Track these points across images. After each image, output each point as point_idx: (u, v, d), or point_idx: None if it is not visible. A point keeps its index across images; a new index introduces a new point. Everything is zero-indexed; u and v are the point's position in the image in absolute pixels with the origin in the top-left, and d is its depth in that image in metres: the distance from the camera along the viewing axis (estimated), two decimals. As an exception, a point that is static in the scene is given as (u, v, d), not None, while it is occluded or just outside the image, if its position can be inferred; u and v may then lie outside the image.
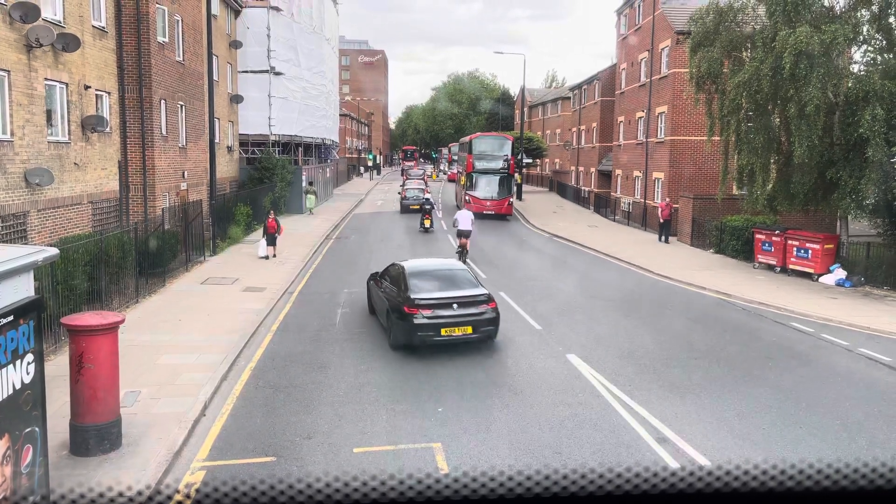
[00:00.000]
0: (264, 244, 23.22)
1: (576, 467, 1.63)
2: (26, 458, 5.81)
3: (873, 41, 20.60)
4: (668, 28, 32.40)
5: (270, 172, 34.97)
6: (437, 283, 13.17)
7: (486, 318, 12.54)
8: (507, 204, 38.37)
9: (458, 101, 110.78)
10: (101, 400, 7.95)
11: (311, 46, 41.58)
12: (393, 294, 13.19)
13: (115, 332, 8.23)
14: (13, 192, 14.10)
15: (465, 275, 13.81)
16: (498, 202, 38.13)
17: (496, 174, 38.67)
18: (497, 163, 38.81)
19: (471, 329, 12.36)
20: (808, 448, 8.71)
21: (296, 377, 11.35)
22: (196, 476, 7.84)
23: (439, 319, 12.22)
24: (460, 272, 13.99)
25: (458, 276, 13.69)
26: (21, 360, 5.74)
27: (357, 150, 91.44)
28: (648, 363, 12.22)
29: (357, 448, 8.58)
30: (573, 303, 17.30)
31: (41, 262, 6.30)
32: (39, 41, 14.56)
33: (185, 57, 23.82)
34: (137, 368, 10.98)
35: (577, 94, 54.83)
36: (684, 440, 8.82)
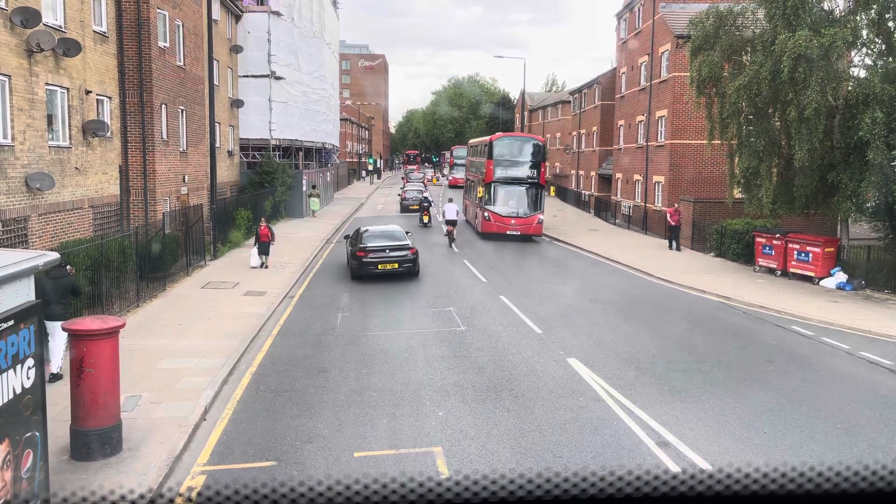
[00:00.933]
0: (256, 253, 22.00)
1: (577, 470, 1.63)
2: (26, 463, 5.81)
3: (872, 45, 20.64)
4: (667, 32, 32.46)
5: (271, 177, 35.01)
6: (379, 238, 20.89)
7: (407, 259, 20.27)
8: (535, 222, 30.58)
9: (458, 105, 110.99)
10: (102, 404, 7.95)
11: (311, 51, 41.65)
12: (353, 245, 21.23)
13: (116, 336, 8.24)
14: (14, 196, 14.12)
15: (399, 233, 21.43)
16: (525, 220, 30.38)
17: (523, 184, 31.02)
18: (524, 170, 31.32)
19: (396, 265, 20.13)
20: (810, 451, 8.69)
21: (296, 381, 11.34)
22: (197, 481, 7.83)
23: (377, 258, 20.02)
24: (397, 232, 21.59)
25: (394, 233, 21.41)
26: (21, 364, 5.74)
27: (357, 154, 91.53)
28: (649, 367, 12.22)
29: (358, 452, 8.58)
30: (574, 306, 17.30)
31: (42, 266, 6.30)
32: (40, 46, 14.59)
33: (186, 62, 23.86)
34: (138, 373, 10.98)
35: (578, 97, 54.89)
36: (685, 444, 8.81)
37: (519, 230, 30.15)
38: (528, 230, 30.45)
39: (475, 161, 36.09)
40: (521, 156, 31.73)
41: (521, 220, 30.44)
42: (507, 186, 30.93)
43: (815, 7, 20.39)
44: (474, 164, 36.23)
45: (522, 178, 31.25)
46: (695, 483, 1.59)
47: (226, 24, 33.11)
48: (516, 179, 31.13)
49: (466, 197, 38.83)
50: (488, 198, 30.81)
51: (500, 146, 31.80)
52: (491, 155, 31.46)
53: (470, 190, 36.77)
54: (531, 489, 1.58)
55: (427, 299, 18.11)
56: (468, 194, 37.73)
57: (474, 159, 36.82)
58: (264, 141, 37.17)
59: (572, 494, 1.57)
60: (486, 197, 30.89)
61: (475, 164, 35.84)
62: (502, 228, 30.12)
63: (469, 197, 37.14)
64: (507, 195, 30.84)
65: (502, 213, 30.38)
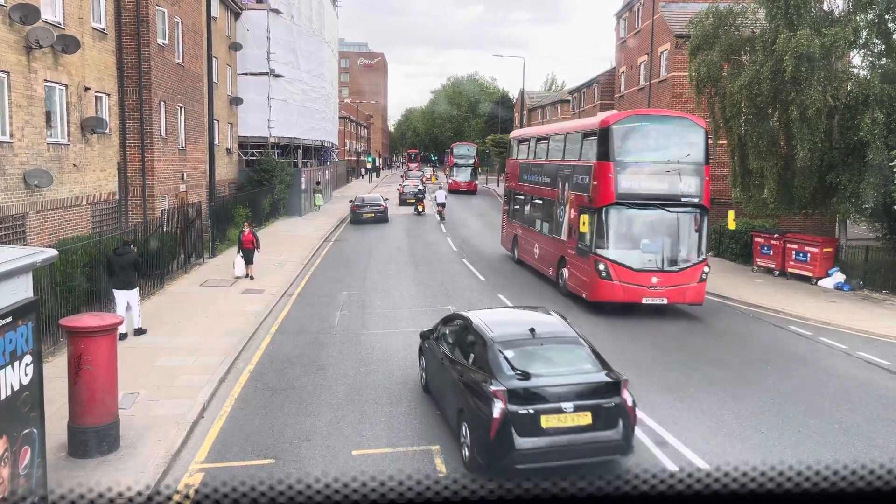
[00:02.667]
0: (240, 262, 19.49)
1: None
2: (24, 460, 5.80)
3: (872, 45, 20.66)
4: (667, 31, 32.46)
5: (270, 174, 34.99)
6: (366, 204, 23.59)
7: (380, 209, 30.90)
8: (696, 280, 16.47)
9: (457, 104, 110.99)
10: (100, 401, 7.94)
11: (310, 49, 41.61)
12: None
13: (114, 333, 8.24)
14: (12, 193, 14.10)
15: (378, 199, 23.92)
16: (677, 278, 16.35)
17: (675, 207, 16.53)
18: (678, 181, 16.54)
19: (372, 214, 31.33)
20: (807, 450, 8.71)
21: (294, 379, 11.34)
22: (194, 478, 7.83)
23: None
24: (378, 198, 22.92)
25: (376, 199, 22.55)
26: (19, 361, 5.73)
27: (356, 153, 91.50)
28: (647, 366, 12.22)
29: (356, 450, 8.58)
30: (573, 307, 17.29)
31: (40, 263, 6.29)
32: (39, 43, 14.57)
33: (185, 59, 23.83)
34: (136, 370, 10.97)
35: (577, 97, 54.89)
36: (683, 443, 8.83)
37: (667, 297, 16.14)
38: (684, 296, 16.29)
39: (550, 169, 20.14)
40: (670, 151, 16.56)
41: (671, 276, 16.19)
42: (645, 213, 16.36)
43: (816, 7, 20.41)
44: (549, 173, 20.25)
45: (675, 195, 16.38)
46: (692, 482, 1.60)
47: (225, 22, 33.07)
48: (663, 199, 16.32)
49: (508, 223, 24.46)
50: (601, 235, 16.30)
51: (631, 135, 16.65)
52: (610, 152, 16.28)
53: (531, 212, 21.85)
54: (529, 487, 1.58)
55: (426, 298, 18.12)
56: (521, 218, 23.03)
57: (547, 163, 20.64)
58: (263, 139, 37.15)
59: (570, 493, 1.57)
60: (596, 233, 16.37)
61: (550, 172, 20.10)
62: (635, 295, 16.10)
63: (525, 221, 22.38)
64: (644, 230, 16.48)
65: (635, 266, 16.12)
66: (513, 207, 24.33)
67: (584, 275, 16.83)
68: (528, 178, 22.46)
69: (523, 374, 7.81)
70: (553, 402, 7.61)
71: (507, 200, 25.18)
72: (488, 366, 8.08)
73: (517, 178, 23.81)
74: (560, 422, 7.55)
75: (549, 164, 20.29)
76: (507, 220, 25.00)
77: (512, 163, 25.07)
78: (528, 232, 22.16)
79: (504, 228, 25.62)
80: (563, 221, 18.45)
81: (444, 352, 9.50)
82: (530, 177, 22.16)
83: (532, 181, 21.89)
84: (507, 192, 25.34)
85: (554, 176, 19.50)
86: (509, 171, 25.66)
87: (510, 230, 24.46)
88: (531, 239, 21.62)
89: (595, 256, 16.19)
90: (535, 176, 21.65)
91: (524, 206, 22.76)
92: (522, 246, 22.73)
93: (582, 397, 7.72)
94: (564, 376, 8.01)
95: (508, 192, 25.09)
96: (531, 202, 21.87)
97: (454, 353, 9.23)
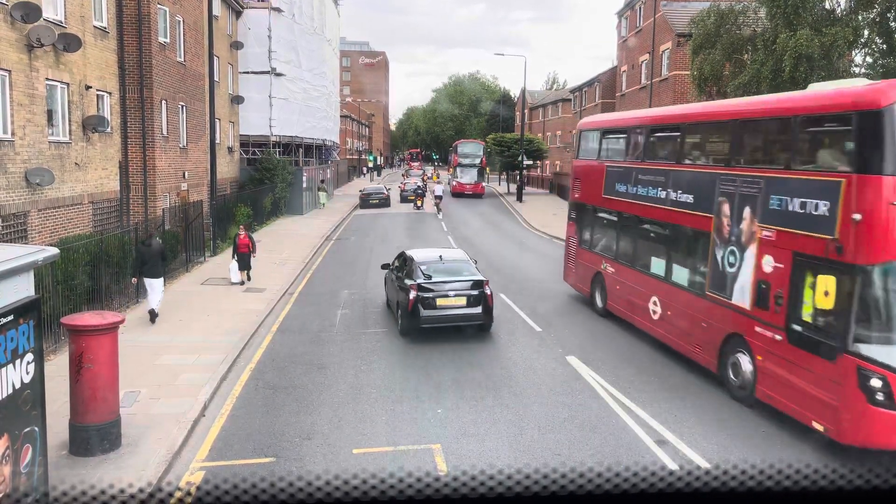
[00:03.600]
0: (236, 268, 18.68)
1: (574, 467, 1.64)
2: (25, 458, 5.82)
3: (873, 45, 20.64)
4: (668, 30, 32.43)
5: (271, 173, 35.00)
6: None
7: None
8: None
9: (458, 103, 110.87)
10: (101, 400, 7.96)
11: (312, 47, 41.61)
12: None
13: (115, 332, 8.24)
14: (14, 191, 14.12)
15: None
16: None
17: None
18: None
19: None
20: (808, 450, 8.69)
21: (295, 378, 11.35)
22: (195, 476, 7.84)
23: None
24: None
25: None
26: (21, 359, 5.74)
27: (358, 152, 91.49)
28: (648, 365, 12.22)
29: (356, 449, 8.59)
30: (573, 305, 17.29)
31: (41, 261, 6.30)
32: (41, 41, 14.57)
33: (187, 58, 23.84)
34: (137, 369, 10.98)
35: (578, 96, 54.87)
36: (683, 442, 8.83)
37: None
38: None
39: (697, 179, 12.32)
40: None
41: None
42: None
43: (817, 6, 20.39)
44: (691, 186, 12.40)
45: None
46: (692, 480, 1.60)
47: (226, 20, 33.07)
48: None
49: (607, 255, 15.88)
50: (875, 319, 8.46)
51: None
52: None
53: (638, 243, 14.56)
54: (529, 485, 1.58)
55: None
56: (611, 250, 15.76)
57: (686, 170, 12.79)
58: (264, 137, 37.15)
59: (570, 491, 1.58)
60: (858, 314, 8.40)
61: (694, 185, 12.32)
62: None
63: (622, 257, 15.18)
64: None
65: None
66: (592, 231, 16.77)
67: (817, 387, 8.78)
68: (628, 189, 14.55)
69: (428, 277, 13.75)
70: (443, 292, 13.54)
71: (578, 219, 17.50)
72: (412, 275, 13.94)
73: (600, 188, 15.93)
74: (447, 302, 13.53)
75: (694, 172, 12.25)
76: (580, 247, 17.30)
77: (587, 166, 17.23)
78: (630, 274, 14.42)
79: (572, 259, 17.90)
80: (735, 272, 10.64)
81: (394, 274, 15.27)
82: (636, 189, 14.23)
83: (641, 196, 13.95)
84: (577, 208, 17.67)
85: (706, 192, 11.48)
86: (581, 178, 17.53)
87: (586, 264, 16.86)
88: (640, 287, 13.74)
89: (857, 360, 8.26)
90: (649, 188, 13.60)
91: (620, 232, 15.20)
92: (616, 293, 15.06)
93: (460, 289, 13.62)
94: (452, 279, 13.84)
95: (579, 208, 17.54)
96: (639, 228, 14.24)
97: (398, 273, 14.94)
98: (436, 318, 13.44)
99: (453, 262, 14.80)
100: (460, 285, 13.64)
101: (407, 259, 14.84)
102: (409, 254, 15.08)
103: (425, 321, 13.39)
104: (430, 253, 15.34)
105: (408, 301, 13.37)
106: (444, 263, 14.50)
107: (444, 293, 13.50)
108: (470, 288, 13.61)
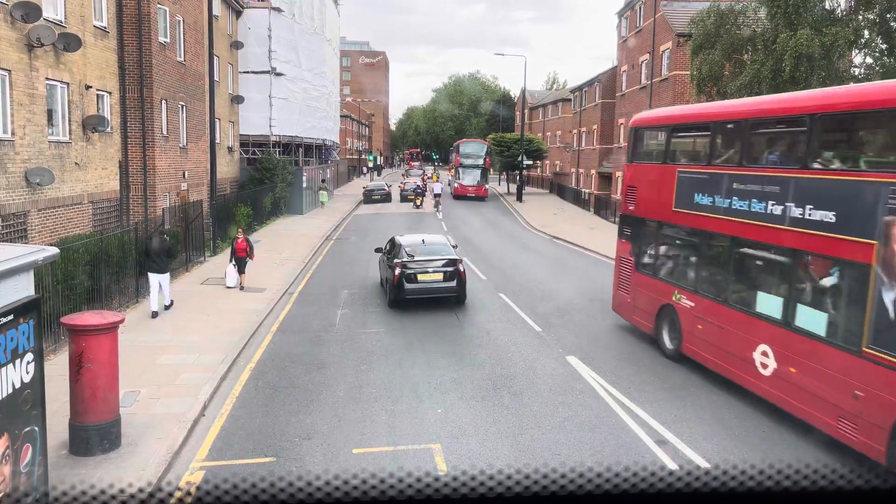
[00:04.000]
0: (233, 271, 18.10)
1: (574, 467, 1.64)
2: (25, 458, 5.82)
3: (874, 45, 20.63)
4: (668, 30, 32.44)
5: (271, 173, 35.01)
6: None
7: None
8: None
9: (458, 103, 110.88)
10: (101, 399, 7.96)
11: (312, 47, 41.61)
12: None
13: (115, 331, 8.24)
14: (14, 191, 14.12)
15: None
16: None
17: None
18: None
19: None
20: (805, 449, 8.70)
21: (295, 378, 11.35)
22: (195, 476, 7.84)
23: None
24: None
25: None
26: (21, 359, 5.74)
27: (358, 152, 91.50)
28: (648, 365, 12.22)
29: (356, 449, 8.59)
30: (573, 304, 17.30)
31: (41, 261, 6.30)
32: (41, 41, 14.58)
33: (187, 57, 23.84)
34: (137, 368, 10.98)
35: (578, 96, 54.86)
36: (683, 442, 8.83)
37: None
38: None
39: (851, 190, 8.70)
40: None
41: None
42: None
43: (817, 6, 20.39)
44: (838, 200, 8.79)
45: None
46: (692, 480, 1.60)
47: (226, 20, 33.07)
48: None
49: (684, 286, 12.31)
50: None
51: None
52: None
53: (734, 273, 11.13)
54: (529, 485, 1.58)
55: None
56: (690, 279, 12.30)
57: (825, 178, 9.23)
58: (264, 137, 37.17)
59: (569, 491, 1.58)
60: None
61: (844, 197, 8.76)
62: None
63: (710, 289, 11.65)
64: None
65: None
66: (657, 253, 13.48)
67: None
68: (716, 201, 11.16)
69: (411, 257, 16.28)
70: (423, 268, 16.12)
71: (635, 237, 14.10)
72: (398, 255, 16.45)
73: (669, 198, 12.51)
74: (427, 277, 16.11)
75: (838, 181, 9.09)
76: (637, 272, 13.89)
77: (647, 171, 13.94)
78: (721, 311, 11.00)
79: (626, 286, 14.34)
80: None
81: (385, 256, 17.90)
82: (729, 201, 10.88)
83: (738, 211, 10.63)
84: (632, 223, 14.26)
85: (862, 208, 8.46)
86: (638, 186, 14.12)
87: (647, 293, 13.38)
88: (739, 330, 10.58)
89: None
90: (752, 202, 10.36)
91: (703, 256, 11.90)
92: (698, 333, 11.58)
93: (438, 267, 16.20)
94: (431, 257, 16.39)
95: (635, 223, 14.11)
96: (736, 253, 10.99)
97: (388, 255, 17.51)
98: (417, 290, 16.03)
99: (433, 244, 17.42)
100: (438, 263, 16.22)
101: (395, 243, 17.36)
102: (397, 239, 17.66)
103: (409, 293, 16.00)
104: (414, 238, 17.88)
105: (394, 276, 16.00)
106: (426, 246, 17.12)
107: (425, 269, 16.06)
108: (446, 265, 16.22)
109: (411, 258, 16.10)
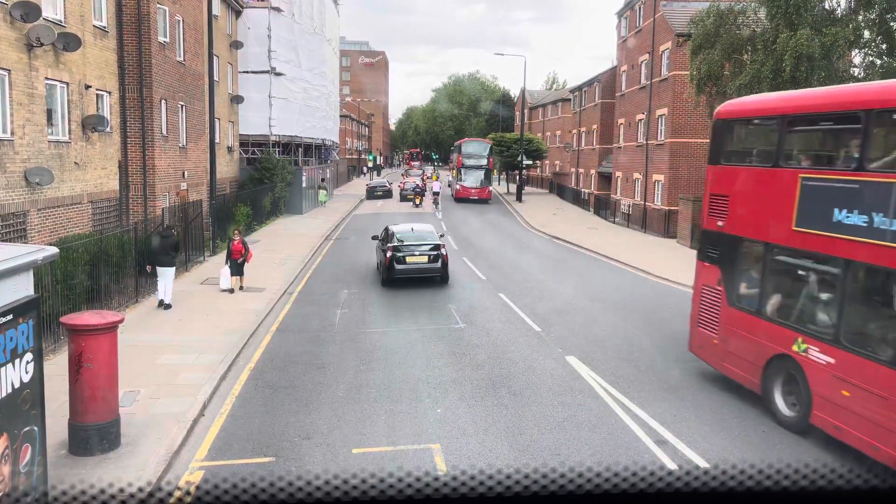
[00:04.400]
0: (227, 274, 17.83)
1: (573, 467, 1.64)
2: (25, 457, 5.81)
3: (873, 45, 20.63)
4: (668, 30, 32.43)
5: (271, 173, 35.00)
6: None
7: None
8: None
9: (458, 103, 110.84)
10: (101, 399, 7.95)
11: (311, 47, 41.60)
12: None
13: (115, 331, 8.24)
14: (13, 191, 14.11)
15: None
16: None
17: None
18: None
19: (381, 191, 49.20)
20: (806, 449, 8.70)
21: (295, 377, 11.35)
22: (195, 476, 7.84)
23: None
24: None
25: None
26: (20, 359, 5.74)
27: (357, 151, 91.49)
28: (647, 365, 12.22)
29: (356, 449, 8.59)
30: (572, 304, 17.30)
31: (41, 261, 6.30)
32: (40, 40, 14.56)
33: (186, 57, 23.83)
34: (136, 368, 10.98)
35: (578, 96, 54.85)
36: (683, 442, 8.83)
37: None
38: None
39: None
40: None
41: None
42: None
43: (817, 6, 20.38)
44: None
45: None
46: (691, 480, 1.60)
47: (226, 20, 33.05)
48: None
49: (823, 338, 8.73)
50: None
51: None
52: None
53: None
54: (528, 485, 1.58)
55: (426, 298, 18.12)
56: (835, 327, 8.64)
57: None
58: (264, 137, 37.16)
59: (569, 490, 1.58)
60: None
61: None
62: None
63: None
64: None
65: None
66: (765, 285, 10.12)
67: None
68: (876, 223, 7.90)
69: (401, 242, 18.97)
70: (411, 252, 18.74)
71: (727, 262, 10.92)
72: (390, 241, 19.08)
73: (788, 214, 9.38)
74: (414, 259, 18.70)
75: None
76: (732, 307, 10.68)
77: (746, 176, 10.86)
78: (884, 374, 7.76)
79: (714, 324, 11.07)
80: None
81: (380, 242, 20.49)
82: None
83: None
84: (723, 242, 11.03)
85: None
86: (731, 195, 10.94)
87: (751, 337, 10.15)
88: None
89: None
90: None
91: (849, 294, 8.65)
92: (842, 402, 8.35)
93: (424, 250, 18.90)
94: (418, 242, 19.14)
95: (729, 243, 10.88)
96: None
97: (382, 241, 20.12)
98: (405, 270, 18.66)
99: (420, 232, 20.14)
100: (424, 248, 19.00)
101: (389, 231, 20.05)
102: (390, 228, 20.24)
103: (398, 273, 18.64)
104: (405, 227, 20.63)
105: (385, 258, 18.75)
106: (414, 233, 19.78)
107: (412, 252, 18.72)
108: (430, 249, 19.00)
109: (401, 243, 18.80)
